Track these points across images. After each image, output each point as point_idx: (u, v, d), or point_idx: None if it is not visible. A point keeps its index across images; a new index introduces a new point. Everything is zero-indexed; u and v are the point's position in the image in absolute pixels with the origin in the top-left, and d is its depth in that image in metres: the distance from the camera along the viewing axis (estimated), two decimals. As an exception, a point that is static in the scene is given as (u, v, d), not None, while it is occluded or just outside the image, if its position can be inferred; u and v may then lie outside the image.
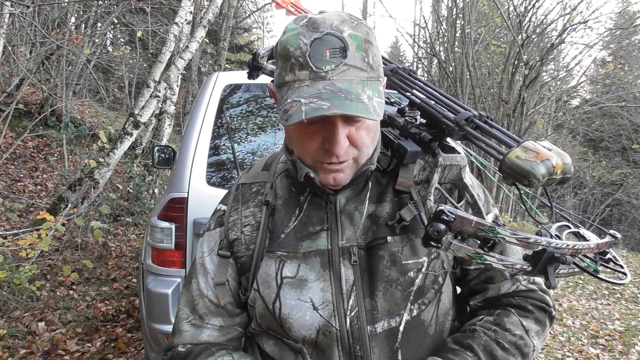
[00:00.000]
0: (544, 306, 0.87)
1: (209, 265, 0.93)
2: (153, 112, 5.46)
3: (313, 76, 0.72)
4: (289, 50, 0.73)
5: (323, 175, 0.80)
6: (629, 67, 12.10)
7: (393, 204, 0.86)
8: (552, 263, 0.64)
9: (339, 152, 0.75)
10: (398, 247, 0.83)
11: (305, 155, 0.81)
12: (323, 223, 0.86)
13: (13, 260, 3.56)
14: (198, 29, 5.68)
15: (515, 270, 0.67)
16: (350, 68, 0.73)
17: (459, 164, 0.85)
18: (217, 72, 2.60)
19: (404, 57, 26.62)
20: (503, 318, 0.85)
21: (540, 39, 9.05)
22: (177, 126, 10.22)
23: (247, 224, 0.91)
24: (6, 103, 6.44)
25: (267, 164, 0.99)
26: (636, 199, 14.16)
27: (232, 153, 2.38)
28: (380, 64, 0.79)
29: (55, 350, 3.08)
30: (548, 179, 0.67)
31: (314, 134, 0.77)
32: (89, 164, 4.89)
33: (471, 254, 0.66)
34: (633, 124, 14.22)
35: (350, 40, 0.73)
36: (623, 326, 4.22)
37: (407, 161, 0.85)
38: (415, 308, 0.82)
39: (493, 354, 0.80)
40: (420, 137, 0.88)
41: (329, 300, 0.81)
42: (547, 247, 0.64)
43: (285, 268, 0.84)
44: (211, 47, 12.64)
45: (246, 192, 0.95)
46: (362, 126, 0.77)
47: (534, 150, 0.68)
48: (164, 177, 6.82)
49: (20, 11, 4.57)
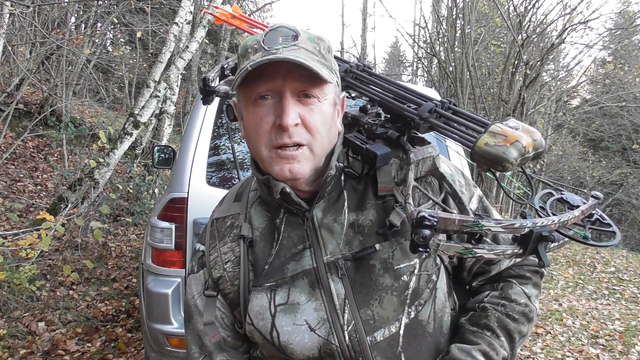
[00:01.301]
0: (537, 270, 0.92)
1: (200, 305, 0.94)
2: (153, 112, 5.46)
3: (265, 54, 0.76)
4: (246, 46, 0.79)
5: (279, 168, 0.78)
6: (628, 67, 12.10)
7: (376, 209, 0.85)
8: (541, 242, 0.65)
9: (287, 123, 0.74)
10: (388, 252, 0.82)
11: (260, 141, 0.79)
12: (304, 241, 0.85)
13: (13, 260, 3.56)
14: (198, 29, 5.68)
15: (506, 256, 0.67)
16: (301, 48, 0.77)
17: (431, 154, 0.84)
18: (217, 72, 2.60)
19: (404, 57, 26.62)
20: (508, 290, 0.88)
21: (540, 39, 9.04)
22: (177, 126, 10.22)
23: (227, 260, 0.90)
24: (6, 103, 6.44)
25: (238, 194, 0.98)
26: (636, 199, 14.16)
27: (232, 153, 2.38)
28: (334, 62, 0.83)
29: (55, 350, 3.09)
30: (521, 159, 0.67)
31: (265, 114, 0.77)
32: (89, 164, 4.89)
33: (461, 251, 0.66)
34: (633, 124, 14.22)
35: (302, 33, 0.79)
36: (623, 326, 4.22)
37: (379, 165, 0.82)
38: (413, 310, 0.82)
39: (507, 328, 0.84)
40: (388, 135, 0.85)
41: (324, 319, 0.81)
42: (533, 229, 0.64)
43: (277, 296, 0.84)
44: (211, 47, 12.64)
45: (221, 227, 0.94)
46: (315, 109, 0.78)
47: (501, 134, 0.67)
48: (164, 177, 6.82)
49: (20, 11, 4.57)
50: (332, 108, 0.82)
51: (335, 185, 0.86)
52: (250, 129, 0.81)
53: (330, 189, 0.85)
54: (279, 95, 0.76)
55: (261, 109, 0.78)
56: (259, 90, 0.77)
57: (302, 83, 0.76)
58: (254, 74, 0.75)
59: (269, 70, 0.75)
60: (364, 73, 0.98)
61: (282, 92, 0.76)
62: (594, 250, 7.61)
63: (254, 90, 0.78)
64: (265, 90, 0.77)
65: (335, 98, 0.84)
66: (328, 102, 0.81)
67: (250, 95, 0.79)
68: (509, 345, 0.84)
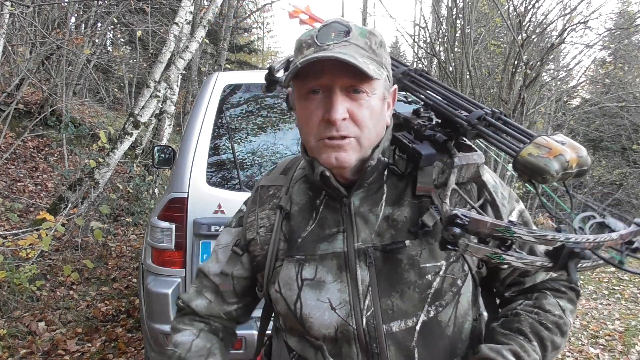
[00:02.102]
0: (573, 286, 0.91)
1: (222, 256, 1.01)
2: (153, 112, 5.46)
3: (317, 49, 0.80)
4: (301, 40, 0.84)
5: (326, 156, 0.82)
6: (628, 67, 12.10)
7: (412, 208, 0.87)
8: (572, 258, 0.63)
9: (335, 118, 0.78)
10: (416, 250, 0.84)
11: (309, 133, 0.83)
12: (339, 225, 0.88)
13: (13, 260, 3.56)
14: (198, 29, 5.68)
15: (535, 267, 0.66)
16: (352, 44, 0.80)
17: (476, 162, 0.85)
18: (217, 72, 2.60)
19: (404, 57, 26.61)
20: (542, 301, 0.87)
21: (540, 39, 9.04)
22: (177, 126, 10.21)
23: (262, 226, 0.96)
24: (6, 103, 6.43)
25: (286, 168, 1.03)
26: (636, 199, 14.16)
27: (232, 153, 2.38)
28: (385, 57, 0.85)
29: (55, 350, 3.09)
30: (563, 174, 0.66)
31: (315, 108, 0.81)
32: (89, 164, 4.90)
33: (489, 254, 0.65)
34: (633, 124, 14.22)
35: (355, 28, 0.82)
36: (623, 326, 4.22)
37: (422, 164, 0.85)
38: (432, 309, 0.83)
39: (540, 335, 0.83)
40: (435, 138, 0.87)
41: (346, 301, 0.84)
42: (565, 243, 0.63)
43: (304, 270, 0.88)
44: (211, 47, 12.64)
45: (264, 194, 1.00)
46: (364, 104, 0.81)
47: (546, 146, 0.67)
48: (164, 177, 6.82)
49: (20, 11, 4.57)
50: (380, 102, 0.84)
51: (376, 178, 0.88)
52: (301, 120, 0.86)
53: (371, 180, 0.87)
54: (329, 90, 0.80)
55: (311, 102, 0.81)
56: (309, 85, 0.81)
57: (351, 79, 0.78)
58: (305, 70, 0.78)
59: (319, 67, 0.78)
60: (422, 77, 1.00)
61: (332, 88, 0.79)
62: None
63: (304, 86, 0.82)
64: (315, 85, 0.80)
65: (385, 92, 0.86)
66: (377, 97, 0.83)
67: (301, 90, 0.83)
68: (542, 352, 0.82)
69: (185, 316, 1.02)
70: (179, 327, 1.00)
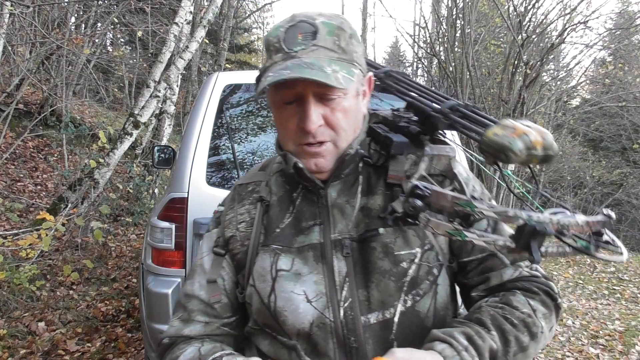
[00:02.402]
0: (549, 291, 0.85)
1: (207, 264, 0.95)
2: (153, 112, 5.46)
3: (285, 57, 0.79)
4: (269, 41, 0.82)
5: (305, 161, 0.83)
6: (628, 67, 12.10)
7: (384, 197, 0.88)
8: (534, 237, 0.62)
9: (310, 128, 0.79)
10: (390, 238, 0.84)
11: (287, 138, 0.85)
12: (315, 217, 0.88)
13: (13, 260, 3.56)
14: (198, 29, 5.68)
15: (498, 247, 0.66)
16: (320, 48, 0.79)
17: (448, 154, 0.87)
18: (217, 72, 2.60)
19: (404, 57, 26.62)
20: (509, 297, 0.83)
21: (540, 39, 9.04)
22: (177, 126, 10.22)
23: (242, 221, 0.94)
24: (6, 103, 6.43)
25: (264, 165, 1.03)
26: (636, 199, 14.16)
27: (232, 153, 2.38)
28: (356, 50, 0.84)
29: (55, 350, 3.08)
30: (527, 154, 0.66)
31: (291, 116, 0.82)
32: (89, 164, 4.89)
33: (450, 231, 0.65)
34: (633, 124, 14.21)
35: (322, 26, 0.80)
36: (623, 326, 4.22)
37: (394, 151, 0.85)
38: (410, 299, 0.82)
39: (502, 328, 0.78)
40: (409, 129, 0.88)
41: (323, 292, 0.82)
42: (527, 221, 0.62)
43: (280, 261, 0.86)
44: (211, 47, 12.64)
45: (242, 191, 0.98)
46: (337, 107, 0.81)
47: (511, 127, 0.67)
48: (164, 177, 6.82)
49: (20, 11, 4.57)
50: (354, 99, 0.84)
51: (352, 170, 0.89)
52: (278, 125, 0.87)
53: (347, 171, 0.88)
54: (302, 99, 0.80)
55: (286, 111, 0.82)
56: (282, 97, 0.81)
57: (322, 88, 0.78)
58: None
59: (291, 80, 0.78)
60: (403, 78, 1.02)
61: (304, 97, 0.79)
62: (594, 250, 7.60)
63: (278, 96, 0.82)
64: (289, 97, 0.81)
65: (358, 86, 0.85)
66: (350, 95, 0.83)
67: (274, 98, 0.83)
68: (503, 346, 0.77)
69: (177, 345, 0.90)
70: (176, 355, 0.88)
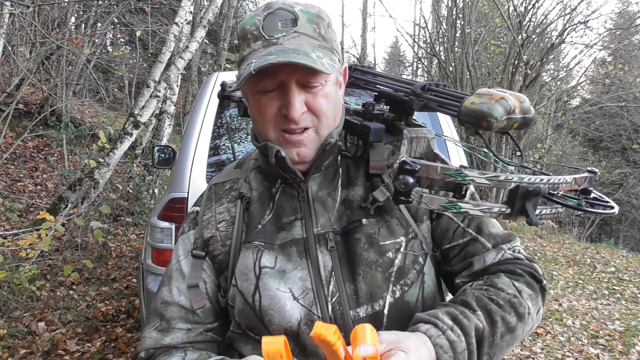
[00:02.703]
0: (533, 272, 0.82)
1: (185, 268, 0.90)
2: (153, 112, 5.46)
3: (266, 44, 0.78)
4: (245, 29, 0.80)
5: (287, 151, 0.82)
6: (628, 67, 12.10)
7: (365, 188, 0.87)
8: (529, 198, 0.61)
9: (294, 115, 0.77)
10: (374, 228, 0.82)
11: (266, 126, 0.82)
12: (296, 212, 0.86)
13: (13, 260, 3.56)
14: (198, 29, 5.68)
15: (493, 214, 0.64)
16: (301, 35, 0.78)
17: (426, 136, 0.86)
18: (217, 72, 2.60)
19: (404, 57, 26.62)
20: (494, 279, 0.80)
21: (540, 39, 9.04)
22: (177, 126, 10.21)
23: (221, 220, 0.90)
24: (6, 103, 6.43)
25: (239, 163, 1.01)
26: (636, 199, 14.16)
27: (232, 153, 2.38)
28: (334, 39, 0.83)
29: (55, 350, 3.08)
30: (507, 118, 0.65)
31: (271, 102, 0.79)
32: (89, 164, 4.90)
33: (445, 204, 0.64)
34: (633, 124, 14.22)
35: (301, 14, 0.79)
36: (623, 326, 4.22)
37: (372, 139, 0.83)
38: (398, 289, 0.81)
39: (487, 308, 0.75)
40: (384, 117, 0.87)
41: (309, 289, 0.80)
42: (519, 184, 0.62)
43: (263, 258, 0.83)
44: (211, 47, 12.63)
45: (219, 190, 0.95)
46: (319, 93, 0.80)
47: (487, 94, 0.67)
48: (164, 177, 6.82)
49: (20, 11, 4.57)
50: (334, 87, 0.84)
51: (332, 162, 0.87)
52: (256, 113, 0.84)
53: (327, 163, 0.86)
54: (283, 86, 0.78)
55: (266, 97, 0.80)
56: (264, 85, 0.79)
57: (305, 76, 0.77)
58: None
59: (273, 66, 0.75)
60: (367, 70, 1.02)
61: (286, 84, 0.78)
62: (594, 250, 7.61)
63: (259, 84, 0.79)
64: (270, 85, 0.79)
65: (338, 75, 0.85)
66: (331, 83, 0.82)
67: (254, 86, 0.80)
68: (488, 323, 0.73)
69: (157, 357, 0.84)
70: None
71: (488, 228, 0.87)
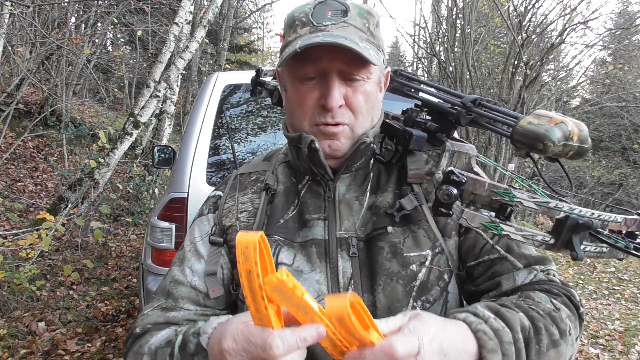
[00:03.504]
0: (570, 297, 0.73)
1: (203, 249, 0.85)
2: (153, 112, 5.46)
3: (313, 29, 0.76)
4: (294, 16, 0.79)
5: (320, 142, 0.79)
6: (628, 67, 12.10)
7: (394, 195, 0.83)
8: (577, 231, 0.57)
9: (332, 105, 0.75)
10: (399, 238, 0.78)
11: (302, 117, 0.80)
12: (320, 212, 0.82)
13: (13, 260, 3.56)
14: (198, 29, 5.68)
15: (536, 242, 0.60)
16: (350, 26, 0.76)
17: (468, 153, 0.81)
18: (217, 72, 2.60)
19: (404, 57, 26.63)
20: (529, 294, 0.71)
21: (540, 39, 9.04)
22: (177, 126, 10.22)
23: (243, 210, 0.87)
24: (6, 103, 6.43)
25: (268, 156, 0.98)
26: (636, 199, 14.16)
27: (232, 153, 2.38)
28: (382, 39, 0.82)
29: (55, 350, 3.08)
30: (564, 144, 0.61)
31: (310, 91, 0.77)
32: (89, 164, 4.90)
33: (486, 223, 0.61)
34: (633, 124, 14.22)
35: (352, 7, 0.78)
36: (623, 326, 4.22)
37: (412, 146, 0.80)
38: (419, 305, 0.75)
39: (529, 314, 0.65)
40: (427, 126, 0.84)
41: (324, 294, 0.76)
42: (569, 214, 0.58)
43: (281, 253, 0.80)
44: (211, 47, 12.63)
45: (244, 180, 0.92)
46: (359, 89, 0.78)
47: (546, 116, 0.64)
48: (164, 177, 6.82)
49: (20, 11, 4.57)
50: (376, 86, 0.82)
51: (364, 164, 0.84)
52: (293, 103, 0.81)
53: (359, 164, 0.83)
54: (325, 75, 0.76)
55: (306, 87, 0.78)
56: (305, 71, 0.77)
57: (349, 65, 0.75)
58: (301, 53, 0.73)
59: (316, 51, 0.73)
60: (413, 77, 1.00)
61: (328, 73, 0.76)
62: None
63: (300, 70, 0.77)
64: (312, 72, 0.76)
65: (380, 76, 0.83)
66: (373, 81, 0.80)
67: (296, 73, 0.78)
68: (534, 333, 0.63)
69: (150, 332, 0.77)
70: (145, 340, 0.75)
71: (519, 247, 0.79)
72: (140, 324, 0.79)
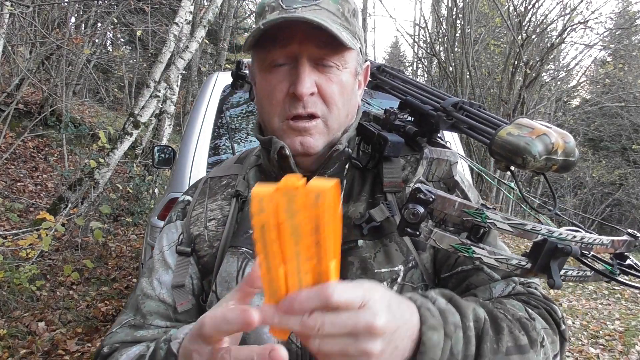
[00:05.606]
0: (550, 311, 0.68)
1: (170, 259, 0.80)
2: (153, 112, 5.46)
3: (282, 13, 0.70)
4: (264, 3, 0.74)
5: (290, 141, 0.73)
6: (628, 67, 12.11)
7: (367, 205, 0.77)
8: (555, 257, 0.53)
9: (302, 92, 0.68)
10: (370, 252, 0.72)
11: (272, 111, 0.73)
12: None
13: (13, 260, 3.56)
14: (198, 29, 5.68)
15: (510, 267, 0.56)
16: (323, 9, 0.71)
17: (449, 159, 0.76)
18: (217, 72, 2.60)
19: (404, 57, 26.64)
20: (502, 300, 0.68)
21: (540, 39, 9.05)
22: (177, 126, 10.21)
23: (212, 218, 0.81)
24: (6, 103, 6.44)
25: (240, 157, 0.92)
26: (636, 199, 14.17)
27: (232, 153, 2.38)
28: (358, 27, 0.76)
29: (55, 350, 3.08)
30: (546, 158, 0.57)
31: (279, 82, 0.71)
32: (89, 164, 4.90)
33: (456, 245, 0.56)
34: (633, 124, 14.22)
35: None
36: (623, 326, 4.22)
37: (388, 152, 0.74)
38: None
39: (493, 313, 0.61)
40: (405, 130, 0.78)
41: None
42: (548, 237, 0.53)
43: (248, 267, 0.73)
44: (211, 47, 12.63)
45: (215, 185, 0.86)
46: (334, 78, 0.72)
47: (528, 126, 0.58)
48: (164, 177, 6.82)
49: (20, 11, 4.57)
50: (352, 78, 0.76)
51: (337, 170, 0.78)
52: (262, 96, 0.75)
53: (331, 171, 0.77)
54: (295, 61, 0.70)
55: (275, 75, 0.72)
56: (273, 57, 0.71)
57: (321, 49, 0.70)
58: (268, 37, 0.68)
59: (285, 34, 0.68)
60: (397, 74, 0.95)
61: (298, 58, 0.70)
62: (594, 250, 7.60)
63: (268, 56, 0.72)
64: (280, 57, 0.71)
65: (357, 67, 0.77)
66: (349, 72, 0.74)
67: (264, 61, 0.73)
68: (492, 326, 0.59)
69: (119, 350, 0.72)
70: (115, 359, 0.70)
71: None
72: (109, 343, 0.75)
